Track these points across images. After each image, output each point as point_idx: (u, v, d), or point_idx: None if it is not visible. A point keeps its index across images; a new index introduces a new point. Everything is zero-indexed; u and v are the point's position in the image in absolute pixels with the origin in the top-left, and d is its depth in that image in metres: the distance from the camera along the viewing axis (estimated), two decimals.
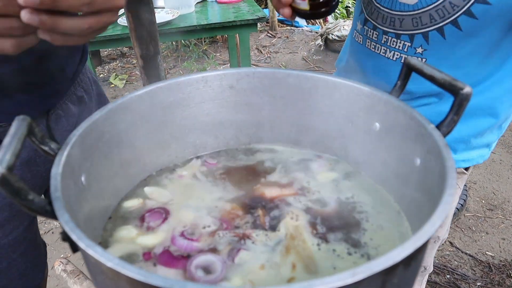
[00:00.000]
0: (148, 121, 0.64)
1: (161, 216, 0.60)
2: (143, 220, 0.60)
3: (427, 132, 0.50)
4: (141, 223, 0.59)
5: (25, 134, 0.43)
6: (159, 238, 0.57)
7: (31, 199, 0.39)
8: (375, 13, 0.83)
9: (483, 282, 1.79)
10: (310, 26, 4.77)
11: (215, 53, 4.20)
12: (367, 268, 0.32)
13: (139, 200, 0.63)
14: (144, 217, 0.60)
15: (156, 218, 0.60)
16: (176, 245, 0.55)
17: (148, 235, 0.57)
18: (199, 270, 0.51)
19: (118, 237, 0.57)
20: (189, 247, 0.54)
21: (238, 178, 0.67)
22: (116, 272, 0.33)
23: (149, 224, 0.59)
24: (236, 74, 0.68)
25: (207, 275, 0.50)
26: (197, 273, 0.51)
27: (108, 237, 0.57)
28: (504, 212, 2.14)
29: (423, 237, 0.36)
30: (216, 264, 0.52)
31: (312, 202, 0.62)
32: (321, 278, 0.31)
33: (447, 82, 0.51)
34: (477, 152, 0.90)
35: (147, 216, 0.60)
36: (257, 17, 2.14)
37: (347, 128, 0.66)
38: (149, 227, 0.58)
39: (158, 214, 0.61)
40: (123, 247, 0.56)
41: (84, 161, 0.52)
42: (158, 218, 0.60)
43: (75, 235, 0.36)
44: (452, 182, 0.42)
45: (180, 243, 0.55)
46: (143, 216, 0.60)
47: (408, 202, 0.57)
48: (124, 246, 0.56)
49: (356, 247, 0.54)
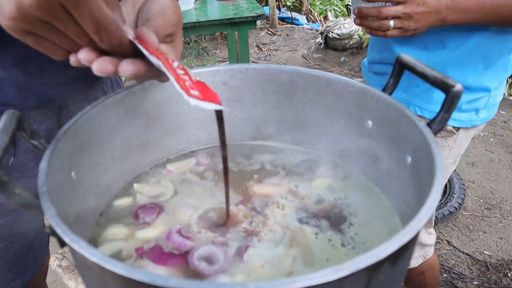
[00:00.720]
0: (140, 117, 0.64)
1: (155, 211, 0.60)
2: (137, 217, 0.60)
3: (418, 129, 0.50)
4: (136, 220, 0.59)
5: (13, 128, 0.43)
6: (157, 232, 0.57)
7: (17, 192, 0.39)
8: None
9: (480, 281, 1.79)
10: (310, 24, 4.77)
11: (214, 50, 4.20)
12: (351, 265, 0.32)
13: (129, 198, 0.63)
14: (137, 214, 0.60)
15: (150, 214, 0.60)
16: (171, 241, 0.55)
17: (145, 229, 0.57)
18: (202, 262, 0.51)
19: (108, 235, 0.57)
20: (183, 244, 0.54)
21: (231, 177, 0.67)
22: (100, 267, 0.33)
23: (144, 220, 0.59)
24: (229, 70, 0.68)
25: (210, 266, 0.50)
26: (201, 265, 0.51)
27: (97, 236, 0.57)
28: (502, 212, 2.14)
29: (409, 233, 0.36)
30: (217, 254, 0.52)
31: (301, 199, 0.62)
32: (304, 275, 0.31)
33: (438, 79, 0.50)
34: (466, 115, 1.01)
35: (141, 212, 0.60)
36: (256, 14, 2.14)
37: (340, 125, 0.66)
38: (145, 222, 0.58)
39: (151, 209, 0.61)
40: (114, 245, 0.56)
41: (75, 156, 0.52)
42: (152, 213, 0.60)
43: (60, 229, 0.36)
44: (440, 180, 0.42)
45: (175, 239, 0.55)
46: (136, 213, 0.60)
47: (399, 198, 0.57)
48: (115, 244, 0.56)
49: (343, 238, 0.54)
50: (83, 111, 0.55)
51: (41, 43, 0.42)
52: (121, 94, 0.60)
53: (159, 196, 0.63)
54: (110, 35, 0.41)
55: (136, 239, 0.56)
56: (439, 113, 0.51)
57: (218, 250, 0.52)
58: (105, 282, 0.37)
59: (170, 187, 0.65)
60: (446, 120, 0.50)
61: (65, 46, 0.43)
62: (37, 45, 0.43)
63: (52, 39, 0.42)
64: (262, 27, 4.68)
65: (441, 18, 0.85)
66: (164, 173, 0.68)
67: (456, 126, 1.02)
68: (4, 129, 0.42)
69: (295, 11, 5.04)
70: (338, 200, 0.61)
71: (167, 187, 0.65)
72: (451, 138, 1.04)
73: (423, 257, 1.20)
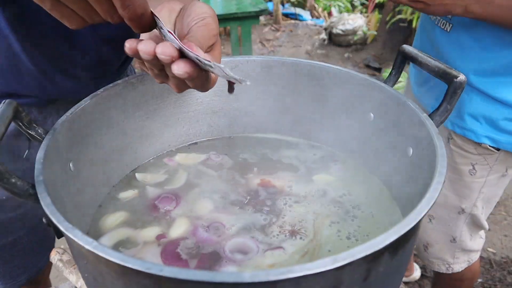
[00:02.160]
0: (140, 109, 0.63)
1: (173, 201, 0.60)
2: (157, 209, 0.59)
3: (420, 120, 0.49)
4: (157, 211, 0.58)
5: (10, 117, 0.43)
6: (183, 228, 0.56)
7: (13, 182, 0.39)
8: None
9: (484, 278, 1.77)
10: (314, 20, 4.74)
11: None
12: (349, 255, 0.31)
13: (134, 191, 0.62)
14: (155, 205, 0.59)
15: (168, 203, 0.60)
16: (198, 237, 0.54)
17: (171, 224, 0.56)
18: (235, 253, 0.51)
19: (108, 225, 0.57)
20: (209, 239, 0.54)
21: (236, 168, 0.67)
22: (96, 255, 0.32)
23: (165, 209, 0.58)
24: (230, 62, 0.67)
25: (246, 255, 0.51)
26: (235, 257, 0.50)
27: (101, 226, 0.57)
28: (507, 209, 2.13)
29: (409, 224, 0.35)
30: (248, 243, 0.52)
31: (303, 192, 0.61)
32: (302, 264, 0.30)
33: (441, 70, 0.50)
34: (505, 136, 0.89)
35: (158, 203, 0.60)
36: (260, 9, 2.13)
37: (342, 118, 0.65)
38: (166, 212, 0.58)
39: (168, 199, 0.60)
40: (116, 235, 0.55)
41: (73, 147, 0.52)
42: (170, 203, 0.60)
43: (55, 218, 0.35)
44: (442, 170, 0.41)
45: (201, 235, 0.54)
46: (154, 205, 0.60)
47: (401, 191, 0.57)
48: (118, 233, 0.55)
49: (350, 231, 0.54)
50: (81, 102, 0.54)
51: (59, 8, 0.40)
52: (120, 86, 0.60)
53: (167, 184, 0.63)
54: (134, 2, 0.38)
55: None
56: (441, 104, 0.50)
57: (248, 241, 0.52)
58: (100, 271, 0.36)
59: (181, 175, 0.65)
60: (449, 111, 0.49)
61: (82, 13, 0.41)
62: (54, 10, 0.41)
63: (70, 4, 0.40)
64: (265, 23, 4.66)
65: (462, 4, 0.78)
66: (166, 162, 0.68)
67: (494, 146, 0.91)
68: (0, 118, 0.41)
69: (299, 7, 5.02)
70: (340, 193, 0.61)
71: (175, 174, 0.65)
72: (491, 157, 0.93)
73: (467, 262, 1.12)
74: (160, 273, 0.29)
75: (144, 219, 0.57)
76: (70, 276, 0.90)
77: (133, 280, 0.33)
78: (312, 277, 0.30)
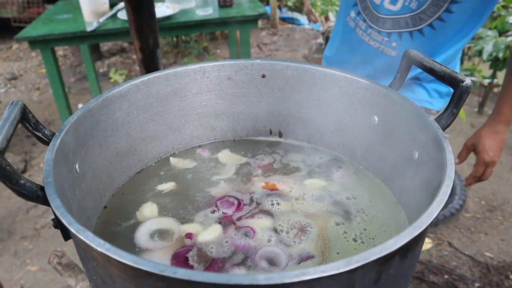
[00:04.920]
0: (144, 111, 0.63)
1: (233, 205, 0.60)
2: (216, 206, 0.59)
3: (426, 124, 0.50)
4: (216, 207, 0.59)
5: (18, 119, 0.43)
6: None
7: (22, 183, 0.38)
8: (367, 10, 1.03)
9: (482, 283, 1.78)
10: (311, 24, 4.76)
11: (215, 49, 4.19)
12: (361, 258, 0.31)
13: (172, 183, 0.64)
14: (216, 204, 0.60)
15: (227, 206, 0.60)
16: (234, 243, 0.53)
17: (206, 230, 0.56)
18: (263, 261, 0.50)
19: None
20: (242, 244, 0.53)
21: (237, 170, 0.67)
22: (107, 257, 0.32)
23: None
24: (234, 65, 0.67)
25: (271, 267, 0.49)
26: (261, 264, 0.50)
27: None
28: (504, 213, 2.14)
29: (420, 227, 0.35)
30: (280, 256, 0.50)
31: (304, 195, 0.61)
32: (316, 267, 0.30)
33: (446, 74, 0.50)
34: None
35: (219, 203, 0.60)
36: (258, 13, 2.13)
37: (346, 121, 0.65)
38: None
39: (228, 203, 0.60)
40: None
41: (79, 149, 0.52)
42: (230, 207, 0.59)
43: (65, 220, 0.35)
44: (451, 173, 0.41)
45: (237, 241, 0.53)
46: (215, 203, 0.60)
47: (406, 194, 0.57)
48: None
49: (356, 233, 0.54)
50: (87, 104, 0.54)
51: None
52: (125, 88, 0.60)
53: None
54: None
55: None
56: (447, 108, 0.50)
57: (282, 253, 0.51)
58: (110, 274, 0.36)
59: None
60: (455, 115, 0.50)
61: None
62: None
63: None
64: (263, 27, 4.67)
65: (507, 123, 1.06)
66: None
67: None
68: (8, 119, 0.41)
69: (296, 11, 5.04)
70: (345, 196, 0.61)
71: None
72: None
73: None
74: (174, 276, 0.29)
75: None
76: (69, 279, 0.89)
77: (146, 282, 0.32)
78: (326, 279, 0.30)
